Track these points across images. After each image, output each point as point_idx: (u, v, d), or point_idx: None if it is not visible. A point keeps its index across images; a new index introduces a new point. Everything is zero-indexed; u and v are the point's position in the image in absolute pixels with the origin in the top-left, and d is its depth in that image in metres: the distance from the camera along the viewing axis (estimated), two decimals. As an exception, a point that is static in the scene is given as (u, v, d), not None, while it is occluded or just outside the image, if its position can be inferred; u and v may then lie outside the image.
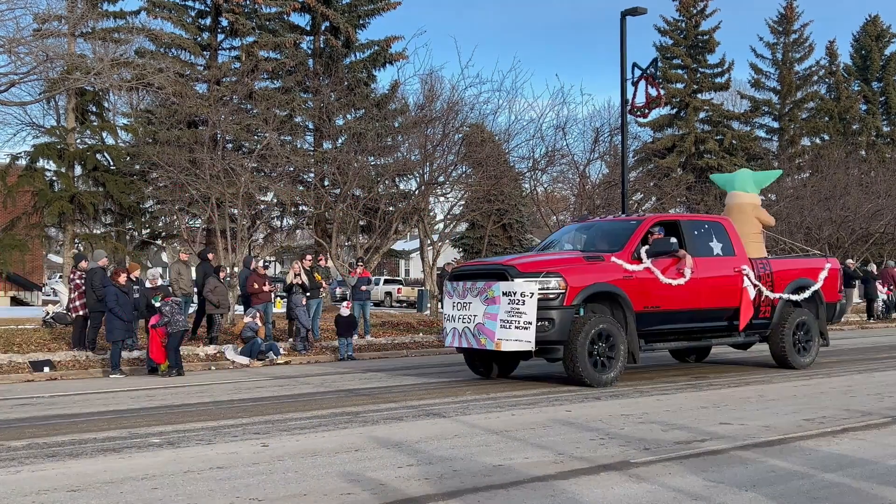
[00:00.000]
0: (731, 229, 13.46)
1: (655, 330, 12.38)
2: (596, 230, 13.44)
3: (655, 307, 12.12)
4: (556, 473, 6.45)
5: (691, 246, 12.67)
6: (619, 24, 20.34)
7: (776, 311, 13.62)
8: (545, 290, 11.09)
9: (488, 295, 11.36)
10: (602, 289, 11.57)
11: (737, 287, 12.98)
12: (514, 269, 11.43)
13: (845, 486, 6.06)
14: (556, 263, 11.64)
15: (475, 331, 11.50)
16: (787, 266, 14.20)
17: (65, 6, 22.78)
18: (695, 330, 12.99)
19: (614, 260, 11.78)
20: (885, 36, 51.95)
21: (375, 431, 8.30)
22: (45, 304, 31.35)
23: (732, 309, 13.00)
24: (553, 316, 11.11)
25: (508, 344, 11.12)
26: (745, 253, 13.37)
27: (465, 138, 26.15)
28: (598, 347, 11.41)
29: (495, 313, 11.22)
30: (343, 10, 29.20)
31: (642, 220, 12.69)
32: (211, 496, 5.89)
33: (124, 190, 26.13)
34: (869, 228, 34.22)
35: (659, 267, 12.05)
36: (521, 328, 10.99)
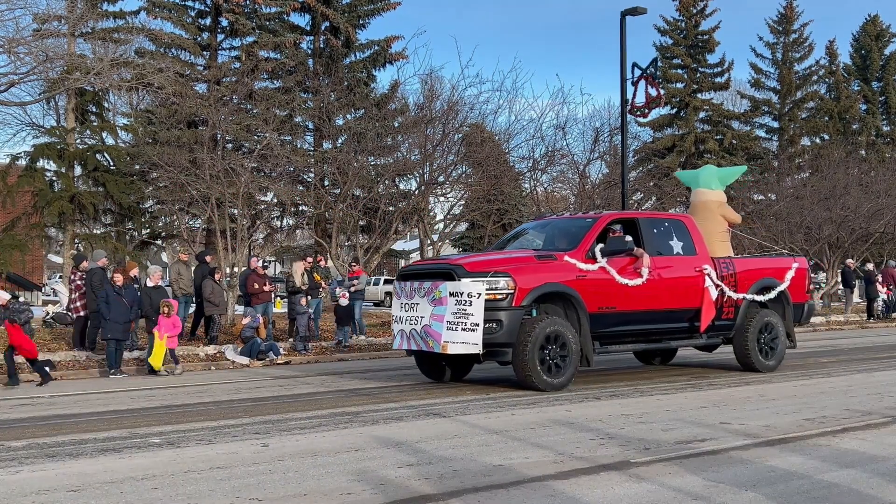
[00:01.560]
0: (693, 228, 13.07)
1: (611, 332, 11.98)
2: (552, 228, 13.05)
3: (611, 308, 11.72)
4: (556, 473, 6.45)
5: (650, 244, 12.26)
6: (619, 23, 20.34)
7: (740, 312, 13.20)
8: (493, 290, 10.68)
9: (435, 295, 10.94)
10: (554, 289, 11.17)
11: (698, 287, 12.55)
12: (462, 268, 11.04)
13: (845, 485, 6.06)
14: (504, 263, 11.22)
15: (422, 333, 11.08)
16: (751, 266, 13.77)
17: (65, 6, 22.77)
18: (654, 331, 12.55)
19: (567, 259, 11.37)
20: (884, 36, 51.95)
21: (375, 431, 8.30)
22: (46, 304, 31.36)
23: (694, 310, 12.56)
24: (501, 317, 10.69)
25: (455, 346, 10.68)
26: (708, 252, 12.99)
27: (465, 138, 26.15)
28: (550, 350, 10.99)
29: (442, 314, 10.80)
30: (343, 10, 29.20)
31: (598, 218, 12.31)
32: (211, 496, 5.89)
33: (124, 190, 26.13)
34: (869, 228, 34.19)
35: (615, 266, 11.66)
36: (468, 330, 10.56)
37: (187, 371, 14.64)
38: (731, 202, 37.13)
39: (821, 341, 20.54)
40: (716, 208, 14.20)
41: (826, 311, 31.88)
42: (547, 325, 10.95)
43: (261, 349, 15.88)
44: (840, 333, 23.94)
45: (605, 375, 13.23)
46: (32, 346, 13.34)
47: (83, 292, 15.88)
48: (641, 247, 12.05)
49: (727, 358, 14.94)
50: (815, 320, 27.21)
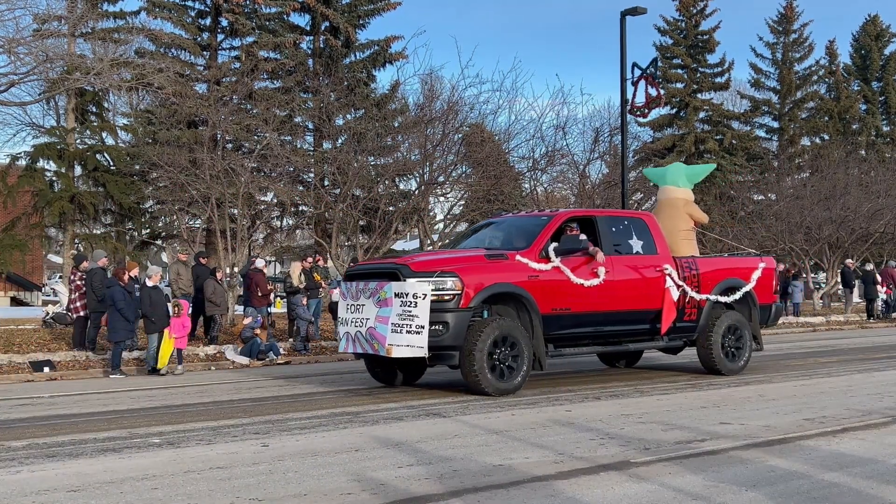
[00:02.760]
0: (654, 226, 12.62)
1: (566, 334, 11.54)
2: (508, 227, 12.65)
3: (565, 309, 11.30)
4: (556, 473, 6.45)
5: (608, 243, 11.87)
6: (619, 24, 20.35)
7: (703, 313, 12.78)
8: (439, 291, 10.25)
9: (380, 296, 10.54)
10: (504, 289, 10.77)
11: (658, 288, 12.11)
12: (407, 268, 10.62)
13: (845, 485, 6.06)
14: (452, 262, 10.76)
15: (367, 335, 10.66)
16: (715, 266, 13.34)
17: (65, 6, 22.78)
18: (612, 334, 12.09)
19: (519, 258, 10.96)
20: (884, 36, 51.95)
21: (375, 431, 8.30)
22: (45, 304, 31.36)
23: (654, 311, 12.14)
24: (447, 319, 10.26)
25: (399, 350, 10.30)
26: (669, 251, 12.56)
27: (465, 138, 26.15)
28: (500, 353, 10.59)
29: (387, 316, 10.40)
30: (343, 10, 29.19)
31: (553, 217, 11.90)
32: (211, 496, 5.89)
33: (124, 190, 26.14)
34: (869, 228, 34.21)
35: (571, 266, 11.26)
36: (413, 332, 10.15)
37: (187, 371, 14.64)
38: (731, 202, 37.23)
39: (821, 341, 20.55)
40: (682, 206, 13.84)
41: (826, 311, 31.90)
42: (496, 328, 10.55)
43: (261, 349, 15.89)
44: (840, 333, 23.94)
45: (606, 375, 13.24)
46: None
47: (83, 292, 15.89)
48: (599, 246, 11.71)
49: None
50: (815, 320, 27.28)
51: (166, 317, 14.30)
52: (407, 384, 11.96)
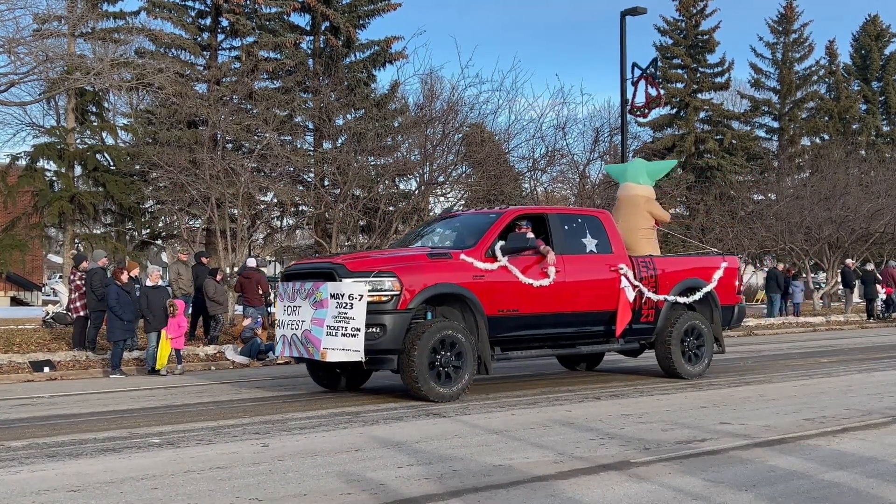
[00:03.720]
0: (609, 224, 12.15)
1: (514, 336, 11.08)
2: (457, 225, 12.19)
3: (513, 311, 10.82)
4: (556, 473, 6.45)
5: (560, 242, 11.38)
6: (619, 24, 20.37)
7: (661, 314, 12.30)
8: (377, 291, 9.82)
9: (316, 297, 10.10)
10: (446, 290, 10.30)
11: (613, 288, 11.65)
12: (343, 267, 10.13)
13: (846, 485, 6.06)
14: (390, 262, 10.29)
15: (303, 338, 10.23)
16: (674, 266, 12.83)
17: (65, 6, 22.78)
18: (563, 336, 11.58)
19: (464, 258, 10.48)
20: (884, 36, 51.97)
21: (375, 431, 8.30)
22: (45, 304, 31.37)
23: (609, 312, 11.66)
24: (385, 321, 9.83)
25: (334, 353, 9.85)
26: (625, 251, 12.11)
27: (465, 138, 26.15)
28: (442, 357, 10.10)
29: (322, 318, 9.95)
30: (343, 10, 29.18)
31: (501, 214, 11.42)
32: (211, 496, 5.89)
33: (124, 190, 26.13)
34: (869, 228, 34.23)
35: (519, 266, 10.80)
36: (349, 335, 9.73)
37: (187, 371, 14.64)
38: (731, 202, 37.21)
39: (821, 341, 20.55)
40: (643, 204, 13.37)
41: (826, 311, 31.90)
42: (438, 330, 10.07)
43: (261, 349, 15.88)
44: (840, 333, 23.95)
45: (606, 375, 13.24)
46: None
47: (83, 292, 15.89)
48: (550, 244, 11.27)
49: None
50: (815, 320, 27.29)
51: (164, 317, 14.29)
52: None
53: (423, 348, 9.93)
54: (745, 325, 24.81)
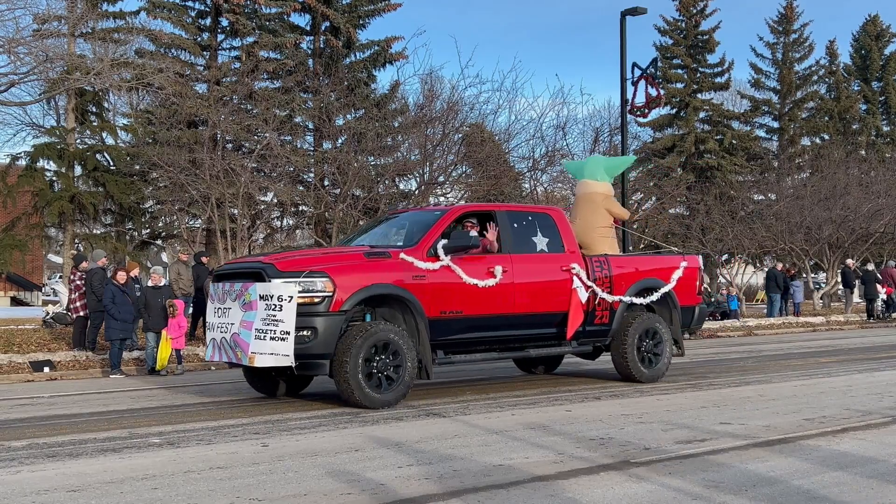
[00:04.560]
0: (562, 222, 11.66)
1: (458, 339, 10.58)
2: (402, 223, 11.71)
3: (456, 312, 10.32)
4: (556, 473, 6.45)
5: (508, 241, 10.92)
6: (619, 24, 20.38)
7: (616, 316, 11.82)
8: (308, 292, 9.34)
9: (245, 299, 9.61)
10: (383, 291, 9.83)
11: (565, 289, 11.16)
12: (273, 267, 9.62)
13: (846, 485, 6.06)
14: (323, 261, 9.81)
15: (231, 342, 9.74)
16: (631, 265, 12.32)
17: (65, 6, 22.79)
18: (512, 338, 11.09)
19: (404, 257, 10.00)
20: (884, 36, 51.97)
21: (375, 431, 8.30)
22: (45, 304, 31.37)
23: (561, 314, 11.17)
24: (316, 324, 9.35)
25: (263, 358, 9.39)
26: (578, 250, 11.63)
27: (465, 138, 26.17)
28: (378, 361, 9.64)
29: (251, 321, 9.48)
30: (343, 11, 29.20)
31: (446, 211, 10.99)
32: (211, 496, 5.89)
33: (124, 190, 26.14)
34: (869, 228, 34.24)
35: (464, 265, 10.30)
36: (278, 339, 9.25)
37: (187, 371, 14.64)
38: (731, 202, 37.23)
39: (821, 341, 20.56)
40: (600, 201, 12.89)
41: (826, 311, 31.91)
42: (373, 333, 9.57)
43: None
44: (840, 333, 23.96)
45: (605, 375, 13.23)
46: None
47: (83, 292, 15.89)
48: (498, 243, 10.85)
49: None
50: (815, 320, 27.29)
51: (164, 317, 14.29)
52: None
53: (356, 352, 9.43)
54: (745, 325, 24.86)
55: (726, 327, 24.67)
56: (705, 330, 23.63)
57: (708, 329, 23.92)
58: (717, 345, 20.12)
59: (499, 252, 10.81)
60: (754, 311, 31.94)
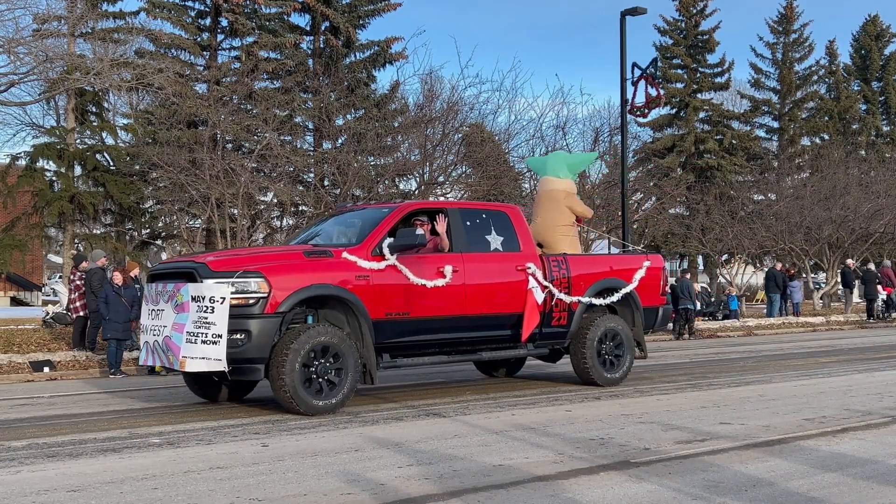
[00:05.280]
0: (518, 220, 11.21)
1: (405, 342, 10.15)
2: (349, 221, 11.21)
3: (403, 314, 9.90)
4: (556, 473, 6.45)
5: (460, 239, 10.47)
6: (619, 24, 20.37)
7: (574, 317, 11.40)
8: (241, 293, 8.90)
9: (177, 300, 9.17)
10: (323, 292, 9.39)
11: (520, 289, 10.74)
12: (205, 267, 9.19)
13: (846, 485, 6.07)
14: (258, 260, 9.40)
15: (163, 345, 9.28)
16: (590, 265, 11.90)
17: (64, 6, 22.79)
18: (463, 341, 10.66)
19: (346, 256, 9.55)
20: (884, 36, 52.00)
21: (375, 431, 8.30)
22: (45, 304, 31.37)
23: (516, 315, 10.74)
24: (250, 327, 8.91)
25: (194, 363, 8.96)
26: (535, 249, 11.24)
27: (465, 138, 26.19)
28: (318, 366, 9.18)
29: (183, 323, 9.05)
30: (343, 11, 29.20)
31: (394, 209, 10.46)
32: (211, 496, 5.89)
33: (124, 190, 26.15)
34: (869, 228, 34.25)
35: (412, 265, 9.90)
36: (209, 342, 8.83)
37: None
38: (731, 202, 37.23)
39: (821, 341, 20.55)
40: (562, 199, 12.46)
41: (826, 311, 31.91)
42: (312, 336, 9.10)
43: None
44: (840, 333, 23.95)
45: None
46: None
47: (83, 292, 15.89)
48: (450, 241, 10.42)
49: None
50: (815, 320, 27.29)
51: None
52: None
53: (293, 357, 8.95)
54: (745, 325, 24.86)
55: (726, 327, 24.68)
56: (705, 330, 23.65)
57: (708, 329, 23.93)
58: (717, 345, 20.12)
59: (450, 251, 10.37)
60: (754, 311, 31.95)
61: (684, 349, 18.68)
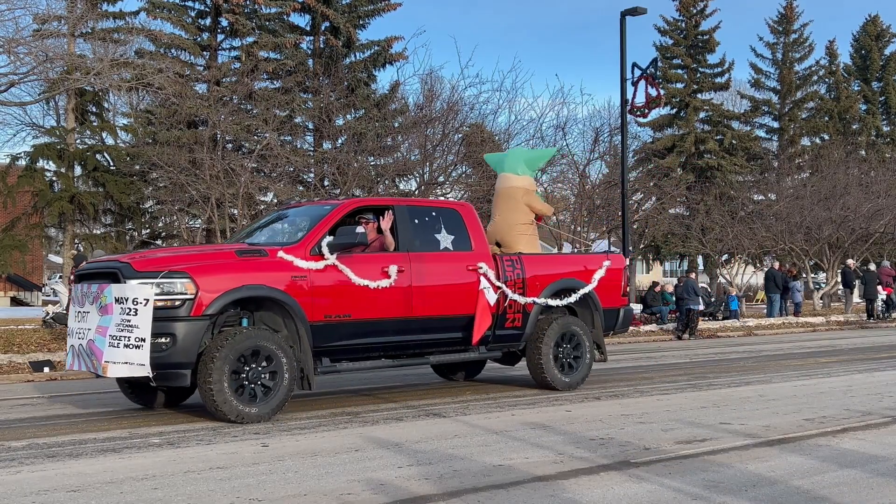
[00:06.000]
0: (471, 219, 10.78)
1: (347, 345, 9.69)
2: (293, 219, 10.72)
3: (344, 316, 9.46)
4: (556, 473, 6.45)
5: (408, 238, 10.06)
6: (619, 24, 20.38)
7: (529, 319, 10.97)
8: (166, 295, 8.46)
9: (101, 302, 8.74)
10: (255, 293, 8.92)
11: (471, 290, 10.33)
12: (129, 267, 8.69)
13: (846, 485, 6.07)
14: (186, 260, 8.93)
15: (87, 349, 8.82)
16: (547, 265, 11.46)
17: (64, 6, 22.80)
18: (411, 344, 10.22)
19: (282, 256, 9.09)
20: (884, 36, 52.00)
21: (375, 431, 8.30)
22: (45, 304, 31.37)
23: (467, 317, 10.34)
24: (175, 330, 8.45)
25: (116, 368, 8.49)
26: (488, 248, 10.81)
27: (465, 138, 26.18)
28: (249, 372, 8.73)
29: (107, 326, 8.61)
30: (343, 11, 29.20)
31: (337, 205, 10.01)
32: (211, 496, 5.89)
33: (124, 190, 26.16)
34: (869, 228, 34.25)
35: (354, 264, 9.45)
36: (133, 347, 8.39)
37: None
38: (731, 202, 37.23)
39: (821, 341, 20.56)
40: (520, 196, 12.02)
41: (826, 311, 31.92)
42: (241, 340, 8.68)
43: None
44: (840, 333, 23.95)
45: (606, 376, 13.23)
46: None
47: (83, 292, 15.88)
48: (396, 240, 10.00)
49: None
50: (815, 320, 27.30)
51: None
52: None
53: (221, 362, 8.51)
54: (745, 325, 24.87)
55: (726, 327, 24.69)
56: (705, 330, 23.66)
57: (708, 329, 23.93)
58: (717, 345, 20.12)
59: (396, 250, 9.96)
60: (754, 312, 31.95)
61: (684, 349, 18.68)
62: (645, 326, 24.10)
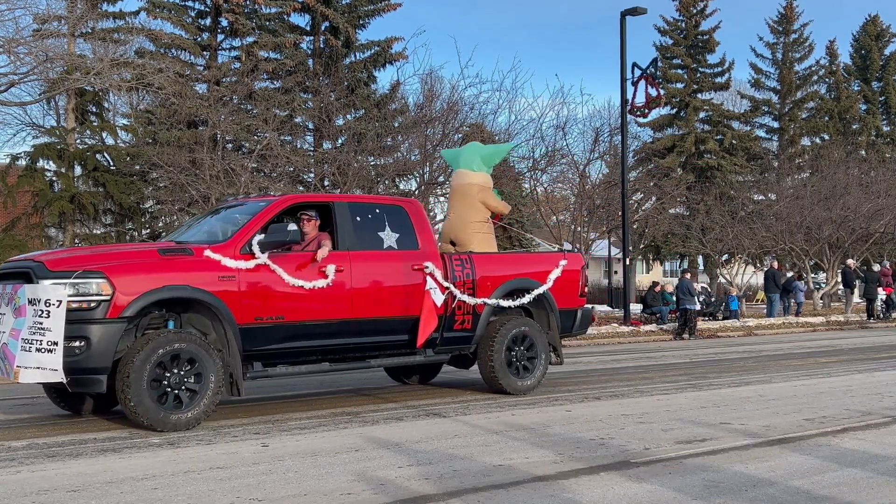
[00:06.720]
0: (418, 216, 10.38)
1: (280, 349, 9.23)
2: (228, 216, 10.21)
3: (276, 318, 9.02)
4: (556, 473, 6.45)
5: (348, 236, 9.66)
6: (619, 24, 20.40)
7: (480, 321, 10.56)
8: (80, 296, 8.02)
9: (16, 304, 8.28)
10: (178, 294, 8.47)
11: (417, 291, 9.93)
12: (42, 266, 8.26)
13: (846, 485, 6.07)
14: (102, 259, 8.49)
15: (2, 353, 8.34)
16: (499, 265, 10.96)
17: (64, 6, 22.80)
18: (350, 347, 9.79)
19: (209, 254, 8.66)
20: (884, 36, 52.00)
21: (375, 431, 8.30)
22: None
23: (413, 319, 9.91)
24: (89, 333, 8.02)
25: (28, 373, 8.02)
26: (435, 247, 10.44)
27: (465, 138, 26.17)
28: (171, 377, 8.27)
29: (20, 329, 8.16)
30: (343, 11, 29.20)
31: (271, 202, 9.57)
32: (211, 496, 5.89)
33: (124, 190, 26.14)
34: (869, 228, 34.26)
35: (288, 264, 9.04)
36: (45, 351, 7.93)
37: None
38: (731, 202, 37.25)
39: (821, 341, 20.56)
40: (476, 193, 11.65)
41: (826, 311, 31.92)
42: (160, 344, 8.21)
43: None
44: (840, 333, 23.96)
45: (606, 376, 13.24)
46: None
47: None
48: (335, 238, 9.60)
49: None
50: (815, 320, 27.30)
51: None
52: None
53: (140, 366, 8.07)
54: (745, 325, 24.87)
55: (726, 327, 24.69)
56: (705, 330, 23.66)
57: (708, 329, 23.93)
58: (717, 345, 20.12)
59: (335, 249, 9.52)
60: (754, 311, 31.95)
61: (684, 349, 18.69)
62: (645, 326, 24.11)
